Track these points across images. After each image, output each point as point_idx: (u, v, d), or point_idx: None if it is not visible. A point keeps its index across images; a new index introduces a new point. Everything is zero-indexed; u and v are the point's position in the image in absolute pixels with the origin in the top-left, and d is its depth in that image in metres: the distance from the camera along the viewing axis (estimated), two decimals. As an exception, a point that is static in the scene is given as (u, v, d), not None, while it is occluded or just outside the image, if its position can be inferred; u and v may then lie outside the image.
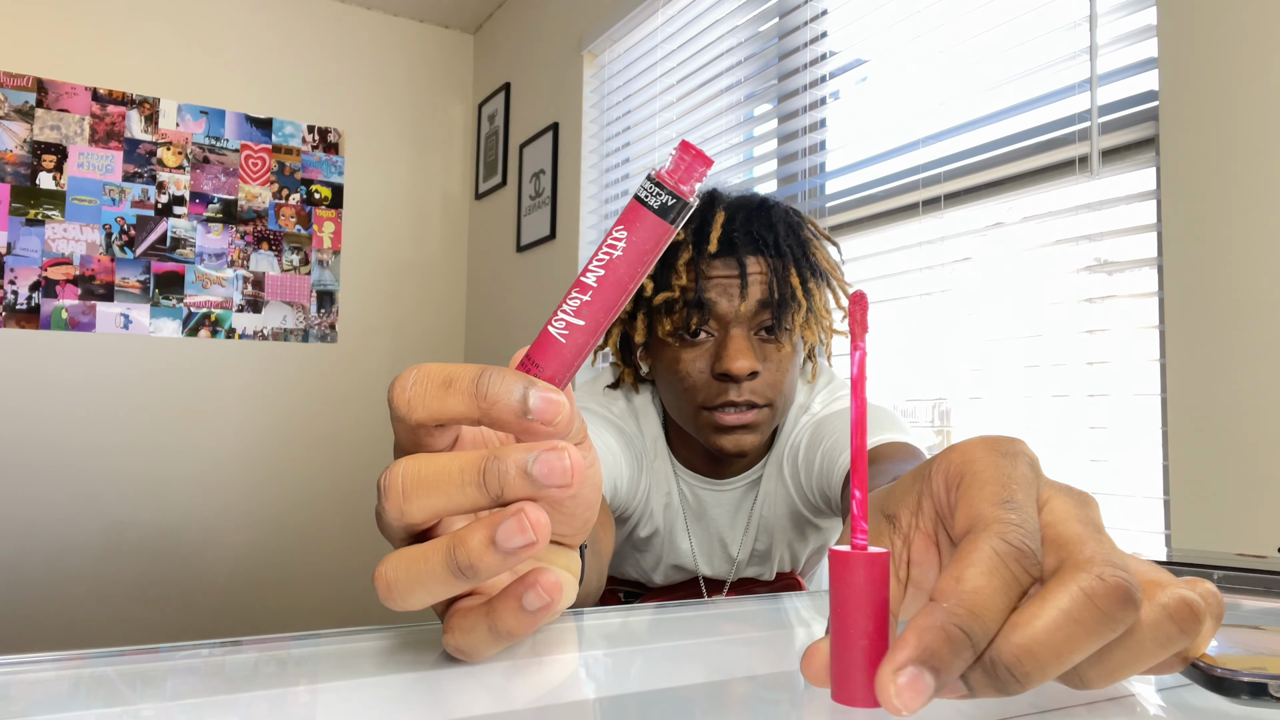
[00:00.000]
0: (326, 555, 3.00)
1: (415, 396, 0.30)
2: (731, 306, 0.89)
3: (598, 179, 2.52)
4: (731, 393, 0.88)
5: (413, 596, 0.31)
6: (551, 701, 0.33)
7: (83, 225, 2.71)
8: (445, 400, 0.30)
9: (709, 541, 1.05)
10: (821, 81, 1.76)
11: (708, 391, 0.90)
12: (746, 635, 0.44)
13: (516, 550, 0.28)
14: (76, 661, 0.36)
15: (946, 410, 1.55)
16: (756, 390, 0.89)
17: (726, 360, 0.87)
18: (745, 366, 0.87)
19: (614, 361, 1.05)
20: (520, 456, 0.28)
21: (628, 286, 0.30)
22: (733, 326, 0.89)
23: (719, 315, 0.89)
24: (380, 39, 3.21)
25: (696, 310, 0.89)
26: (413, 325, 3.23)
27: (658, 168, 0.30)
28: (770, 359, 0.90)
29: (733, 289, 0.89)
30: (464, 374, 0.30)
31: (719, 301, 0.89)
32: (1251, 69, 1.06)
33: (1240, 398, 1.05)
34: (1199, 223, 1.11)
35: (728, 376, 0.88)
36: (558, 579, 0.31)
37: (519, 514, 0.28)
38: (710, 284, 0.89)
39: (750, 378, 0.88)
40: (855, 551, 0.31)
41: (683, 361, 0.91)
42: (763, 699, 0.33)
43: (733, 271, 0.89)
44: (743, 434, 0.91)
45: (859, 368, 0.32)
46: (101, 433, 2.71)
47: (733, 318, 0.89)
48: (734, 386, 0.88)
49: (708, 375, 0.90)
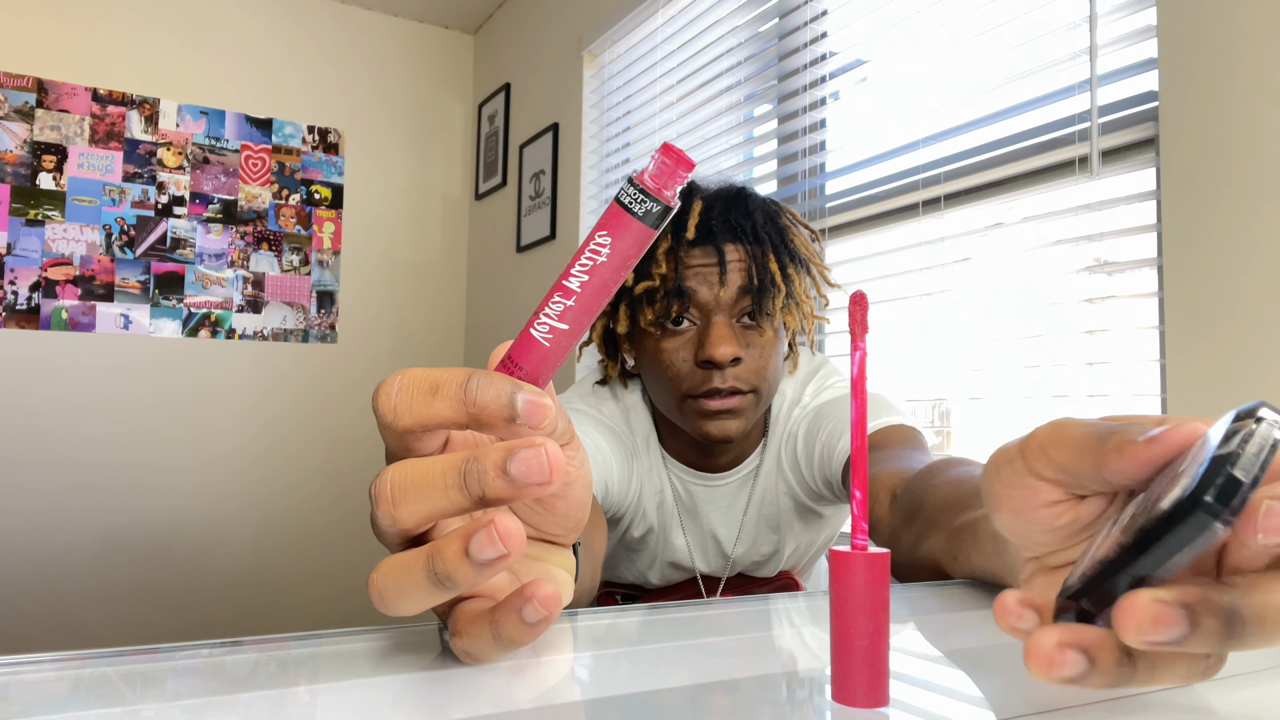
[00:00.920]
0: (326, 555, 3.00)
1: (401, 403, 0.30)
2: (712, 294, 0.90)
3: (598, 179, 2.52)
4: (715, 380, 0.89)
5: (402, 605, 0.31)
6: (551, 702, 0.33)
7: (83, 225, 2.71)
8: (432, 406, 0.30)
9: (703, 537, 1.05)
10: (821, 82, 1.76)
11: (692, 380, 0.91)
12: (748, 635, 0.44)
13: (489, 562, 0.28)
14: (76, 661, 0.36)
15: (946, 410, 1.55)
16: (740, 376, 0.90)
17: (709, 347, 0.88)
18: (728, 353, 0.87)
19: (601, 360, 1.05)
20: (498, 457, 0.28)
21: (609, 289, 0.30)
22: (714, 314, 0.90)
23: (700, 303, 0.90)
24: (380, 39, 3.21)
25: (677, 299, 0.89)
26: (413, 325, 3.23)
27: (639, 170, 0.30)
28: (753, 345, 0.91)
29: (712, 276, 0.90)
30: (450, 379, 0.30)
31: (699, 289, 0.90)
32: (1251, 69, 1.06)
33: (1240, 398, 1.05)
34: (1199, 223, 1.11)
35: (711, 363, 0.88)
36: (555, 591, 0.31)
37: (489, 526, 0.28)
38: (690, 272, 0.90)
39: (734, 364, 0.89)
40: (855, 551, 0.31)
41: (666, 350, 0.91)
42: (764, 699, 0.33)
43: (711, 259, 0.90)
44: (727, 419, 0.91)
45: (859, 368, 0.32)
46: (101, 433, 2.71)
47: (714, 305, 0.90)
48: (718, 373, 0.89)
49: (691, 363, 0.91)
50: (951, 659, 0.40)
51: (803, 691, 0.34)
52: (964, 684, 0.36)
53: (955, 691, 0.34)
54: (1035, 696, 0.33)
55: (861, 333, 0.32)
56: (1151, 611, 0.24)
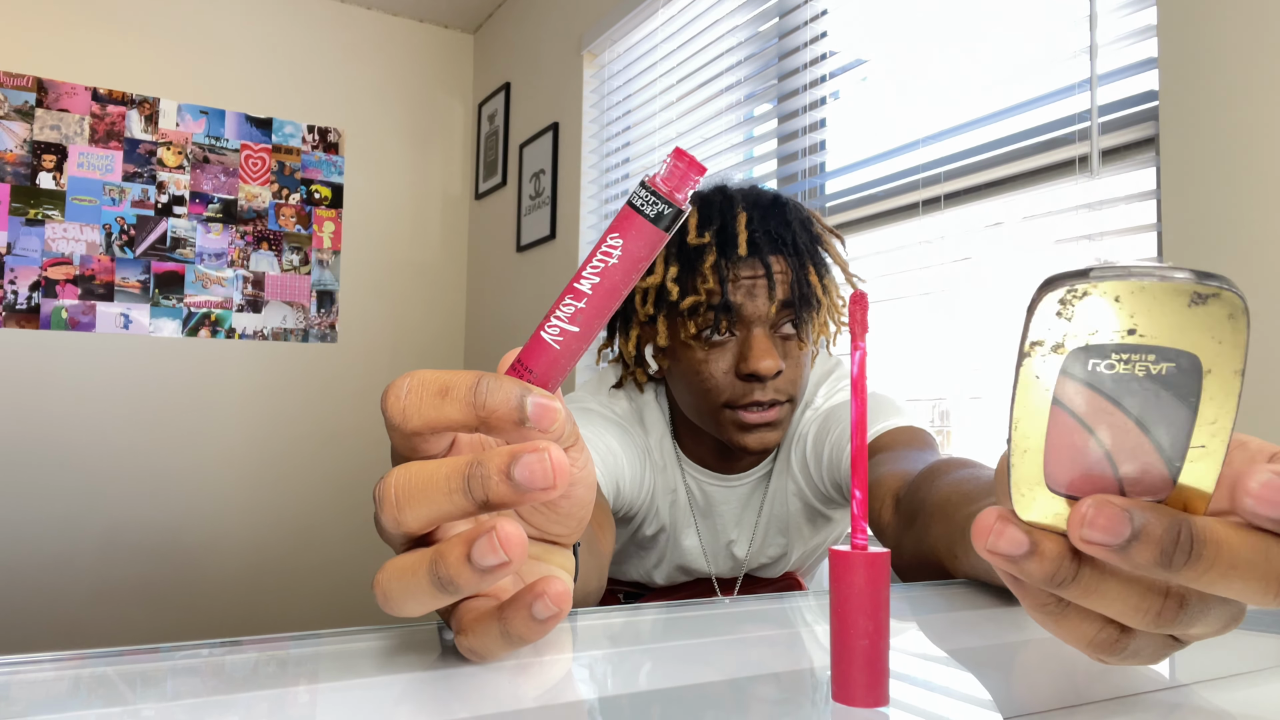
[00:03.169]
0: (326, 555, 3.00)
1: (410, 405, 0.30)
2: (757, 308, 0.90)
3: (598, 179, 2.52)
4: (757, 392, 0.90)
5: (407, 607, 0.31)
6: (554, 701, 0.33)
7: (83, 225, 2.71)
8: (441, 409, 0.30)
9: (715, 539, 1.05)
10: (821, 81, 1.76)
11: (733, 391, 0.91)
12: (749, 635, 0.44)
13: (491, 569, 0.28)
14: (76, 661, 0.36)
15: (946, 410, 1.55)
16: (779, 388, 0.90)
17: (753, 360, 0.88)
18: (771, 366, 0.88)
19: (615, 360, 1.05)
20: (502, 461, 0.28)
21: (621, 292, 0.30)
22: (755, 326, 0.90)
23: (744, 316, 0.90)
24: (380, 39, 3.21)
25: (723, 313, 0.89)
26: (413, 325, 3.23)
27: (651, 174, 0.30)
28: (790, 355, 0.92)
29: (759, 290, 0.90)
30: (460, 382, 0.30)
31: (745, 303, 0.90)
32: (1251, 69, 1.06)
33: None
34: (1199, 223, 1.11)
35: (754, 376, 0.89)
36: (566, 588, 0.31)
37: (490, 533, 0.28)
38: (737, 286, 0.90)
39: (774, 376, 0.89)
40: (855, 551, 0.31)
41: (707, 362, 0.91)
42: (764, 699, 0.33)
43: (758, 272, 0.90)
44: (766, 431, 0.92)
45: (859, 368, 0.32)
46: (101, 433, 2.71)
47: (757, 318, 0.90)
48: (759, 386, 0.89)
49: (731, 375, 0.91)
50: (952, 659, 0.40)
51: (803, 691, 0.34)
52: (964, 684, 0.36)
53: (955, 691, 0.34)
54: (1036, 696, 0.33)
55: (861, 332, 0.32)
56: (1098, 508, 0.25)
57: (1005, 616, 0.49)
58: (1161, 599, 0.27)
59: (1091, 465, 0.26)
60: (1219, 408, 0.25)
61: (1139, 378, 0.25)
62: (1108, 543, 0.25)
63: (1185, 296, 0.24)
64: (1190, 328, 0.25)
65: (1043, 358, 0.26)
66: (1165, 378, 0.25)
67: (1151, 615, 0.27)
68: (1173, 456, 0.26)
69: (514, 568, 0.28)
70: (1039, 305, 0.25)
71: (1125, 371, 0.25)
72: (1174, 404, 0.25)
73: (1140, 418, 0.25)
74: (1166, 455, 0.26)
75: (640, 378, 1.02)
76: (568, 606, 0.31)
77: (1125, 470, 0.26)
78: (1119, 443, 0.26)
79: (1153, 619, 0.27)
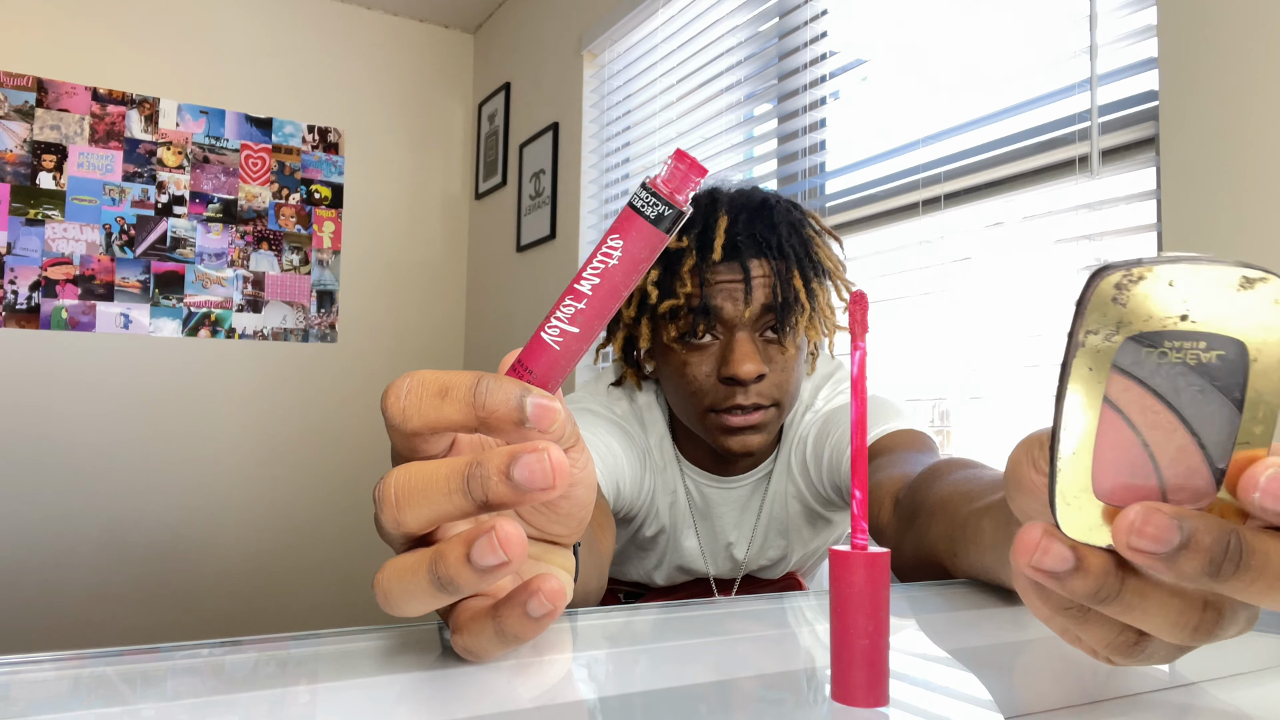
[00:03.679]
0: (326, 555, 3.00)
1: (410, 406, 0.30)
2: (736, 311, 0.89)
3: (598, 179, 2.52)
4: (738, 396, 0.89)
5: (407, 607, 0.31)
6: (553, 701, 0.33)
7: (83, 225, 2.71)
8: (441, 409, 0.30)
9: (714, 541, 1.05)
10: (821, 81, 1.76)
11: (715, 395, 0.90)
12: (749, 635, 0.44)
13: (491, 569, 0.28)
14: (76, 661, 0.36)
15: (946, 410, 1.55)
16: (763, 392, 0.90)
17: (733, 364, 0.87)
18: (751, 370, 0.87)
19: (617, 359, 1.05)
20: (501, 462, 0.28)
21: (621, 294, 0.30)
22: (738, 330, 0.89)
23: (724, 319, 0.89)
24: (380, 39, 3.21)
25: (702, 316, 0.89)
26: (413, 325, 3.23)
27: (652, 175, 0.30)
28: (775, 360, 0.91)
29: (737, 293, 0.89)
30: (460, 382, 0.30)
31: (724, 306, 0.89)
32: (1251, 69, 1.06)
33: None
34: (1199, 223, 1.11)
35: (734, 380, 0.88)
36: (560, 586, 0.31)
37: (490, 533, 0.28)
38: (715, 290, 0.89)
39: (756, 380, 0.89)
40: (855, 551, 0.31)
41: (689, 365, 0.91)
42: (764, 699, 0.33)
43: (736, 276, 0.89)
44: (749, 435, 0.91)
45: (859, 368, 0.32)
46: (101, 432, 2.71)
47: (738, 321, 0.89)
48: (740, 390, 0.89)
49: (714, 378, 0.90)
50: (952, 659, 0.40)
51: (803, 691, 0.34)
52: (964, 684, 0.36)
53: (956, 691, 0.34)
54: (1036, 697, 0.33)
55: (861, 332, 0.32)
56: (1146, 516, 0.24)
57: (1005, 616, 0.49)
58: (1200, 612, 0.27)
59: (1136, 470, 0.26)
60: (1263, 402, 0.25)
61: (1190, 368, 0.25)
62: (1156, 551, 0.24)
63: (1235, 280, 0.24)
64: (1239, 314, 0.25)
65: (1096, 349, 0.25)
66: (1214, 368, 0.25)
67: (1189, 629, 0.27)
68: (1217, 458, 0.25)
69: (514, 568, 0.28)
70: (1095, 291, 0.25)
71: (1176, 360, 0.25)
72: (1220, 400, 0.25)
73: (1188, 416, 0.25)
74: (1211, 458, 0.25)
75: (630, 377, 1.02)
76: (563, 604, 0.31)
77: (1169, 476, 0.26)
78: (1165, 446, 0.25)
79: (1189, 633, 0.27)
